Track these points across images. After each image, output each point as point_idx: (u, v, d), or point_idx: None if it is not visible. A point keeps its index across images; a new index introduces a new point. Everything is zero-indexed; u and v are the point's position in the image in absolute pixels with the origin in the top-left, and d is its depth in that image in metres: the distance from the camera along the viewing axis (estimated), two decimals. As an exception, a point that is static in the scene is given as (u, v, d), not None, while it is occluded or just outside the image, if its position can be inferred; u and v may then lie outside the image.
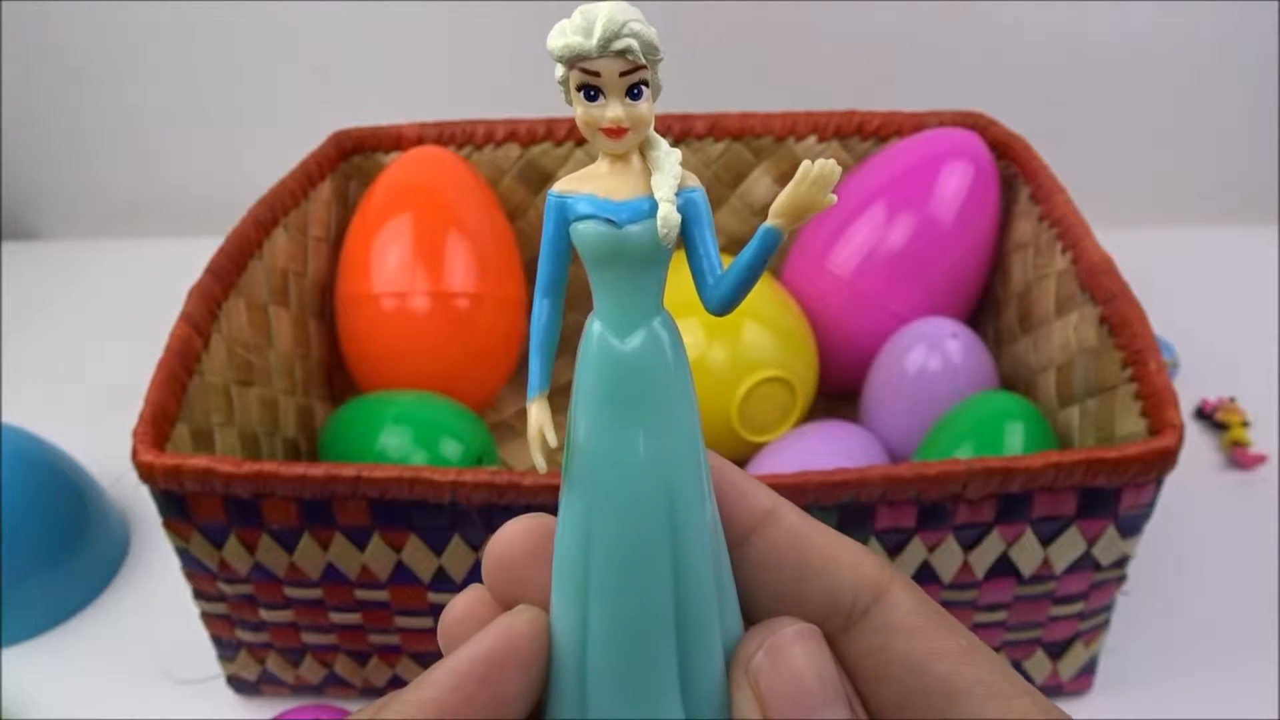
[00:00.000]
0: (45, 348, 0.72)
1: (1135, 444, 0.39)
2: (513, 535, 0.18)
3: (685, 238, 0.17)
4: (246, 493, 0.40)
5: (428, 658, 0.46)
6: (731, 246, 0.64)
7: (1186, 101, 0.77)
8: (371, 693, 0.48)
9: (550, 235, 0.17)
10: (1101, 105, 0.77)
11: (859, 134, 0.61)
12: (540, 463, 0.17)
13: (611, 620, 0.17)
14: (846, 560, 0.18)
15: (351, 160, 0.62)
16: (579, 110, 0.16)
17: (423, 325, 0.54)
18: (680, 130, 0.60)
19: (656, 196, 0.16)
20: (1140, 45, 0.74)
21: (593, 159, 0.17)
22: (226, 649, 0.47)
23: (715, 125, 0.60)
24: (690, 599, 0.17)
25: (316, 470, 0.39)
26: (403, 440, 0.49)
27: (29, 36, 0.77)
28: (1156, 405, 0.41)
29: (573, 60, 0.15)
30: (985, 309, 0.60)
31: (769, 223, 0.16)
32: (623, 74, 0.15)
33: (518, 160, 0.61)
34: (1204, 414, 0.62)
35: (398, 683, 0.47)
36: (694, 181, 0.16)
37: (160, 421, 0.42)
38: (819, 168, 0.15)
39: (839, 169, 0.15)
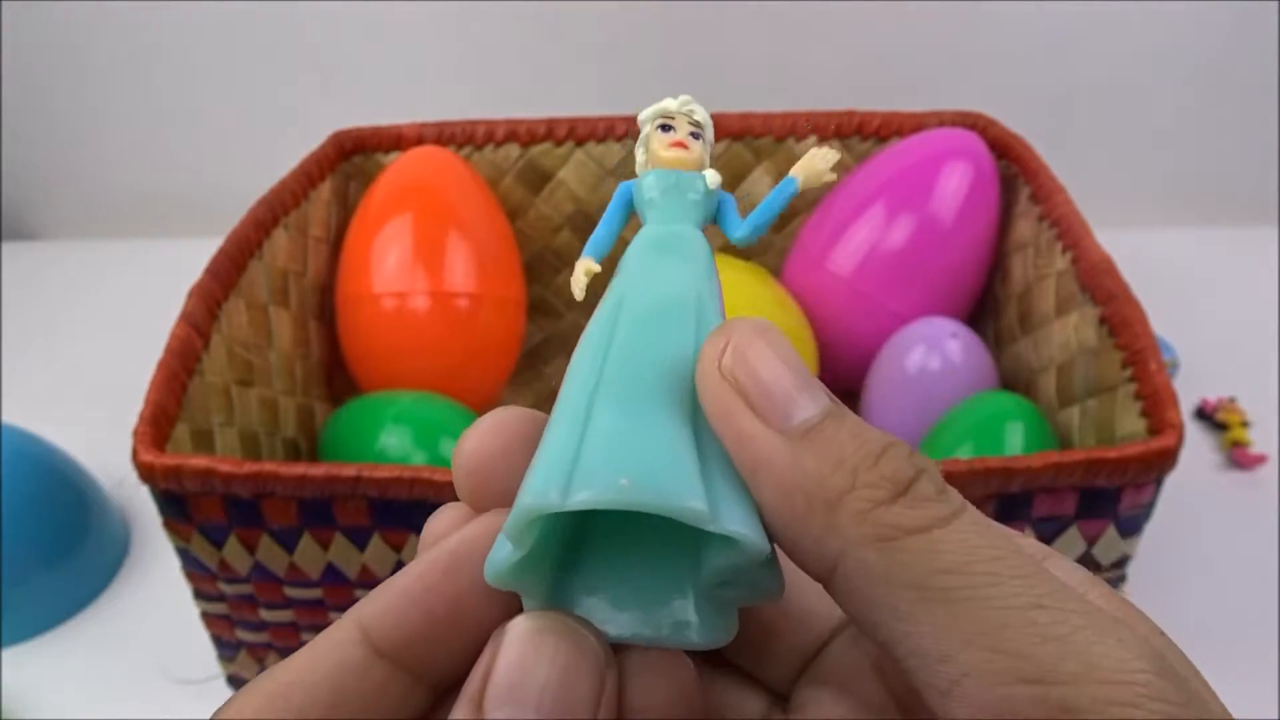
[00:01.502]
0: (45, 348, 0.72)
1: (1135, 444, 0.39)
2: (486, 429, 0.17)
3: (719, 212, 0.20)
4: (246, 493, 0.40)
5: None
6: (732, 248, 0.64)
7: (1186, 101, 0.77)
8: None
9: (613, 205, 0.20)
10: (1101, 105, 0.77)
11: (859, 134, 0.61)
12: (581, 284, 0.19)
13: (628, 361, 0.17)
14: None
15: (351, 160, 0.62)
16: (655, 138, 0.21)
17: (423, 325, 0.54)
18: (680, 130, 0.60)
19: (704, 173, 0.20)
20: (1140, 45, 0.74)
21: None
22: (226, 649, 0.47)
23: (715, 125, 0.60)
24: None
25: (316, 470, 0.39)
26: (403, 440, 0.49)
27: (29, 36, 0.77)
28: (1156, 405, 0.41)
29: (658, 115, 0.21)
30: (985, 309, 0.60)
31: (790, 175, 0.21)
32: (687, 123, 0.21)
33: (518, 160, 0.61)
34: (1204, 414, 0.62)
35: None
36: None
37: (160, 421, 0.42)
38: (825, 150, 0.21)
39: (836, 155, 0.21)
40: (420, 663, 0.16)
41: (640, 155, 0.21)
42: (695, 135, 0.21)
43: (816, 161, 0.21)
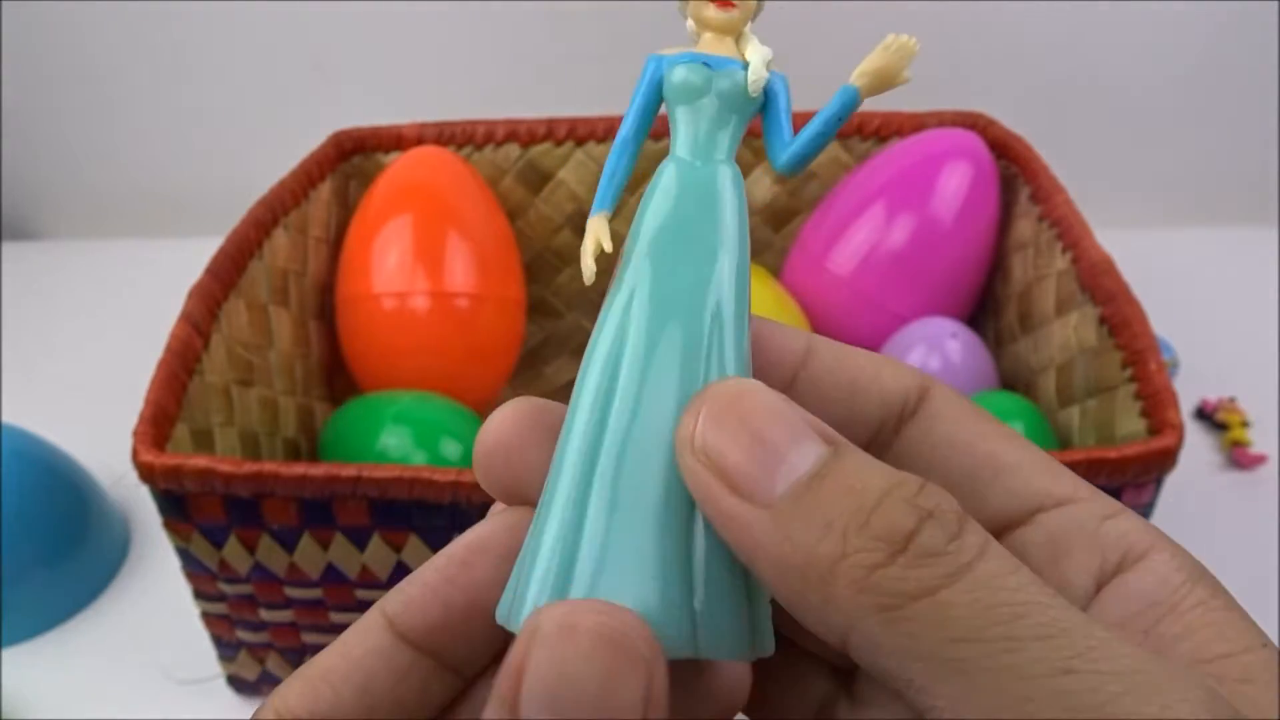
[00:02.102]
0: (45, 348, 0.72)
1: (1135, 444, 0.39)
2: (506, 418, 0.18)
3: (766, 109, 0.18)
4: (246, 493, 0.40)
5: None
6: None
7: (1186, 102, 0.77)
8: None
9: (641, 90, 0.18)
10: (1101, 105, 0.77)
11: (859, 134, 0.61)
12: (590, 268, 0.17)
13: (625, 435, 0.16)
14: (889, 369, 0.18)
15: (351, 160, 0.62)
16: None
17: (423, 325, 0.54)
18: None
19: (749, 59, 0.18)
20: (1140, 45, 0.74)
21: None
22: (226, 649, 0.47)
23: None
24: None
25: (316, 470, 0.39)
26: (403, 440, 0.49)
27: (29, 36, 0.77)
28: (1156, 405, 0.41)
29: None
30: (985, 309, 0.60)
31: (850, 83, 0.17)
32: None
33: (518, 160, 0.61)
34: (1204, 414, 0.62)
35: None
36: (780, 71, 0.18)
37: (160, 421, 0.42)
38: (902, 39, 0.17)
39: (918, 45, 0.17)
40: (444, 649, 0.17)
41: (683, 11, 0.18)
42: None
43: (891, 56, 0.16)
